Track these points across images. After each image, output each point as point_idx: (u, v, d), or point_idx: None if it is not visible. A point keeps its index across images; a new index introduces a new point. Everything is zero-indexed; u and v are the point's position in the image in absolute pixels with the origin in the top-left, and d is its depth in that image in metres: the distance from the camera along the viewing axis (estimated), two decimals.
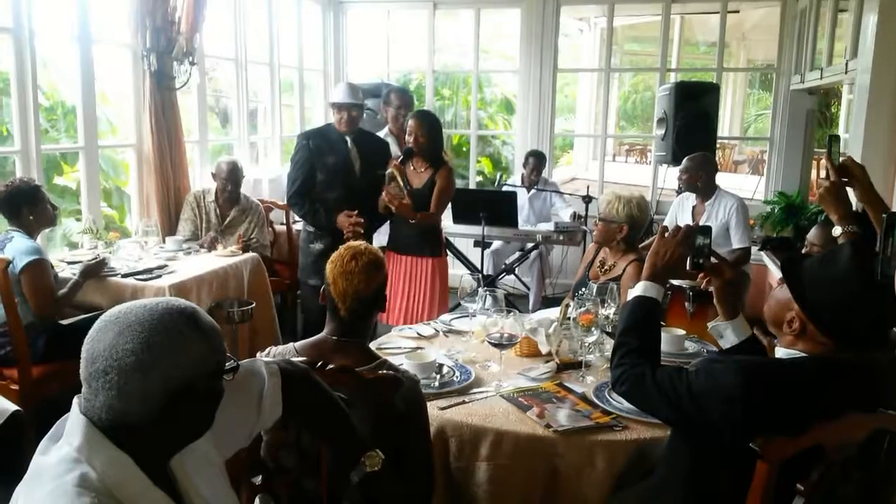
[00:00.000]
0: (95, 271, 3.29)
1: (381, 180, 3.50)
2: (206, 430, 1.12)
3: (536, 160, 5.49)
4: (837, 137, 1.95)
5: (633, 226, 2.81)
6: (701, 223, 4.06)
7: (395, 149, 4.32)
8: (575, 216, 5.27)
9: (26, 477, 1.00)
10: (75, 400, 1.04)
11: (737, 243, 4.10)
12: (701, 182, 4.17)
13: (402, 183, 3.44)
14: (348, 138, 3.72)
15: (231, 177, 4.26)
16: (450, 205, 4.78)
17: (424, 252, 3.62)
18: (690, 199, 4.33)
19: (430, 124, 3.59)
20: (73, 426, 1.01)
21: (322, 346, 1.76)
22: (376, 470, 1.35)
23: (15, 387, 2.88)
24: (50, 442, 1.03)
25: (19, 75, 3.51)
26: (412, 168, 3.66)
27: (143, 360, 0.99)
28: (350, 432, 1.38)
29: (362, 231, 3.51)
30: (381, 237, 3.97)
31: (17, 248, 2.94)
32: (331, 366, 1.56)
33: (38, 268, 2.96)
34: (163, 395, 1.01)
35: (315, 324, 1.90)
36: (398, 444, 1.65)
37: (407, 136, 3.63)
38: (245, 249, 3.99)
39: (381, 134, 4.50)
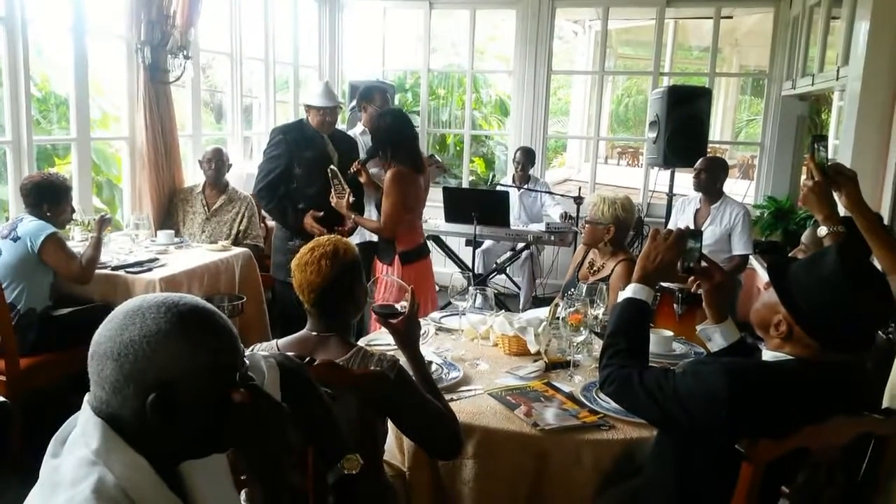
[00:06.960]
0: (105, 225, 3.36)
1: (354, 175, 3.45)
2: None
3: (524, 156, 5.51)
4: (822, 137, 1.94)
5: (619, 227, 2.82)
6: (704, 227, 4.10)
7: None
8: (565, 216, 5.29)
9: (40, 482, 0.96)
10: (86, 399, 1.00)
11: (740, 250, 4.13)
12: (720, 183, 4.22)
13: (342, 180, 3.39)
14: (324, 133, 3.72)
15: (215, 156, 4.33)
16: (442, 203, 4.81)
17: (382, 257, 3.43)
18: (693, 202, 4.35)
19: (377, 124, 3.35)
20: (87, 428, 0.98)
21: (305, 343, 1.77)
22: (354, 473, 1.35)
23: (2, 377, 2.86)
24: (58, 443, 1.00)
25: (11, 65, 3.49)
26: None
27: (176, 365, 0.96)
28: (332, 432, 1.38)
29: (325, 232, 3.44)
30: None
31: (29, 227, 3.05)
32: (317, 361, 1.57)
33: (57, 239, 3.08)
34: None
35: (292, 323, 1.88)
36: (399, 420, 1.71)
37: None
38: (236, 242, 3.98)
39: (357, 131, 4.41)
